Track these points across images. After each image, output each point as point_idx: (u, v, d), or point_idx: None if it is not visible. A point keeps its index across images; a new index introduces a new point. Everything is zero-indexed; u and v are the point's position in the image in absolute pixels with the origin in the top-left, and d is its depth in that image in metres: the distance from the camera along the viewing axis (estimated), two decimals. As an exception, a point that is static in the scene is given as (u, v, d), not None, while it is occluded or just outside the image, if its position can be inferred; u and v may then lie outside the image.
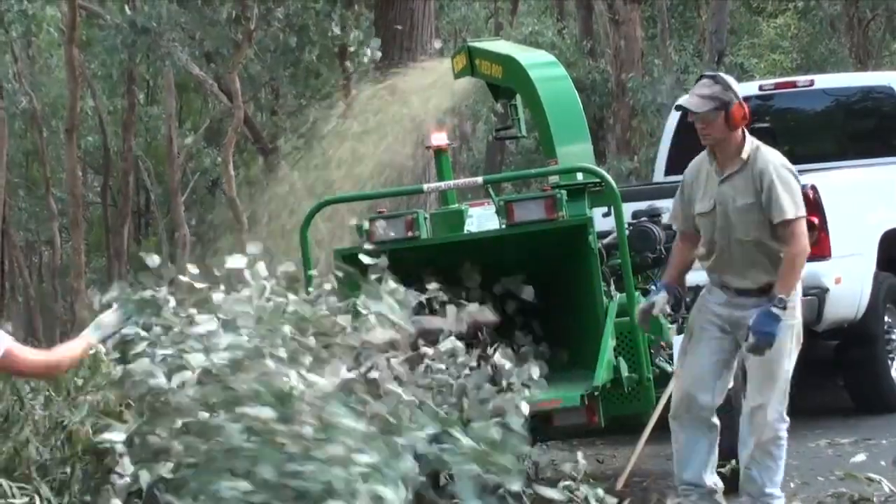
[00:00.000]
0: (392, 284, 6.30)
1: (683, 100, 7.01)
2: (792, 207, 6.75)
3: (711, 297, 7.04)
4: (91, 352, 6.24)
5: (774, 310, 6.65)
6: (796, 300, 6.88)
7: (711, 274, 7.05)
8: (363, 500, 5.08)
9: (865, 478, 6.68)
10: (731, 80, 7.03)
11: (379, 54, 13.11)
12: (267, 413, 5.20)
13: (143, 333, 5.82)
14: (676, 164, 11.72)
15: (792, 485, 7.71)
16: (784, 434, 6.87)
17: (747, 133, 6.96)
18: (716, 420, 6.98)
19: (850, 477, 6.77)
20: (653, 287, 7.58)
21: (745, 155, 6.87)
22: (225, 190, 17.26)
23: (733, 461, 7.15)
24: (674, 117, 12.01)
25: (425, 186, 8.38)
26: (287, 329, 5.70)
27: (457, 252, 7.89)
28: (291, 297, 5.97)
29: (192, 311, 5.78)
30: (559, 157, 8.52)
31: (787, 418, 6.91)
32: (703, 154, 7.06)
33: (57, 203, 26.08)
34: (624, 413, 7.55)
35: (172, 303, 5.83)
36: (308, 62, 15.22)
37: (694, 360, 7.02)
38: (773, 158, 6.89)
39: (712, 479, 6.97)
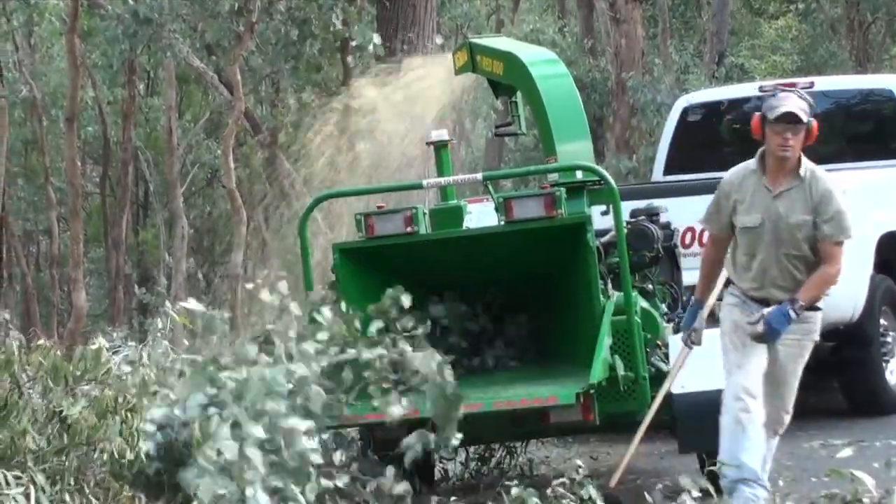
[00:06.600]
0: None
1: (788, 107, 6.89)
2: (849, 230, 6.94)
3: (745, 312, 7.04)
4: (94, 346, 6.29)
5: (791, 312, 6.83)
6: (819, 319, 7.11)
7: (751, 287, 7.05)
8: None
9: (850, 473, 6.71)
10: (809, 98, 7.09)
11: (381, 49, 13.12)
12: None
13: None
14: (675, 163, 11.78)
15: (782, 483, 7.73)
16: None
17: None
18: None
19: (836, 473, 6.80)
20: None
21: (802, 172, 6.96)
22: (224, 182, 17.26)
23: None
24: (674, 117, 12.04)
25: (425, 182, 8.40)
26: None
27: (455, 248, 7.91)
28: None
29: None
30: (559, 154, 8.54)
31: None
32: (746, 166, 7.10)
33: (56, 192, 26.05)
34: (619, 411, 7.57)
35: None
36: (309, 56, 15.23)
37: (754, 353, 7.02)
38: (832, 179, 7.00)
39: None
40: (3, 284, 26.80)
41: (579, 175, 8.19)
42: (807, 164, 7.01)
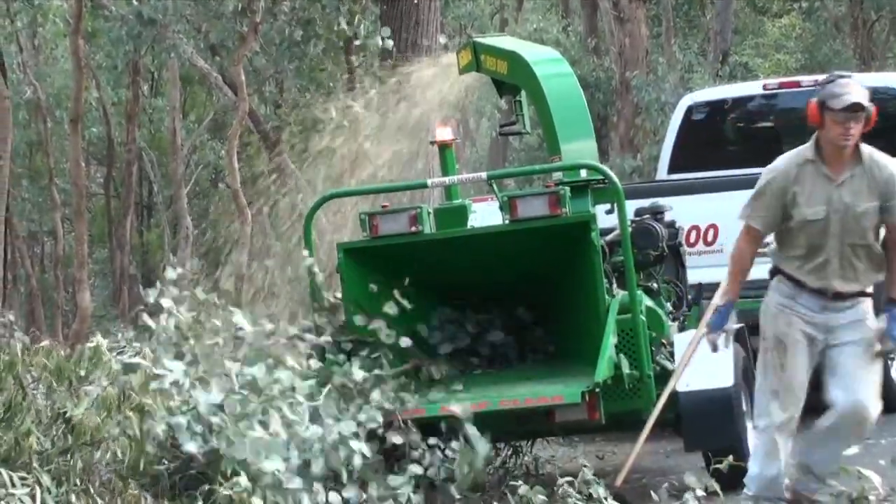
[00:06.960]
0: None
1: (855, 97, 6.65)
2: None
3: (801, 303, 6.85)
4: (93, 344, 6.29)
5: None
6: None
7: (807, 277, 6.81)
8: None
9: (857, 471, 6.72)
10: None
11: (391, 43, 13.11)
12: None
13: None
14: (680, 162, 11.76)
15: (788, 481, 7.72)
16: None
17: None
18: None
19: (842, 471, 6.79)
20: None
21: (863, 157, 6.76)
22: (228, 182, 17.28)
23: (730, 457, 7.18)
24: (678, 115, 12.03)
25: (429, 181, 8.39)
26: None
27: (459, 247, 7.91)
28: None
29: None
30: (563, 153, 8.53)
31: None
32: (798, 154, 6.80)
33: (60, 193, 26.11)
34: (625, 410, 7.56)
35: None
36: (313, 56, 15.24)
37: (794, 375, 6.86)
38: (892, 161, 6.81)
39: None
40: (7, 285, 26.81)
41: (583, 174, 8.19)
42: (864, 148, 6.78)
